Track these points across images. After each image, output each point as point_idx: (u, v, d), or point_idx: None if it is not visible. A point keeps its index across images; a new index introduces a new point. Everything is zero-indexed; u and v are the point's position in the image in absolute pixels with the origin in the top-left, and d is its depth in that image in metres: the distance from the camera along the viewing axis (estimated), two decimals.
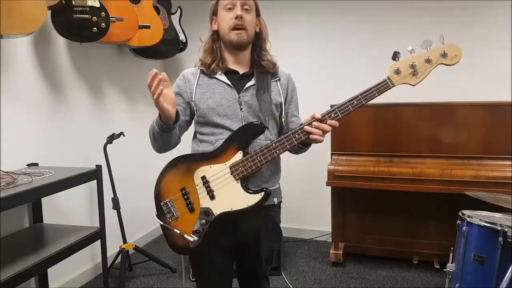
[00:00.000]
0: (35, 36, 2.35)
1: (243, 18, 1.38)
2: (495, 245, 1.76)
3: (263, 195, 1.31)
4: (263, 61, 1.46)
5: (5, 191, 1.69)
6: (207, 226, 1.34)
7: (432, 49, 1.27)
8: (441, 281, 2.65)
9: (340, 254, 2.95)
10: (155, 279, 2.81)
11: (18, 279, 1.72)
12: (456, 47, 1.25)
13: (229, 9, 1.39)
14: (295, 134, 1.31)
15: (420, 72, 1.27)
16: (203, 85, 1.44)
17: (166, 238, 1.42)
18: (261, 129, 1.34)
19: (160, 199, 1.40)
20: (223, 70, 1.44)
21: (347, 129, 2.91)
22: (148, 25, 2.80)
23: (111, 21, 2.43)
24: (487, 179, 2.49)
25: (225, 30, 1.40)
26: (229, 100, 1.40)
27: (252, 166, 1.31)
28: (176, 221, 1.37)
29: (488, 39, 2.97)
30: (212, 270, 1.47)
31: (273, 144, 1.31)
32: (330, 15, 3.35)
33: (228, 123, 1.39)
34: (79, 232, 2.22)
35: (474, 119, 2.68)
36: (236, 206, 1.33)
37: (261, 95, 1.40)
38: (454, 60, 1.26)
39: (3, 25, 1.87)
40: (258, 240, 1.46)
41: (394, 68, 1.28)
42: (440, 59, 1.26)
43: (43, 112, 2.45)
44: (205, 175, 1.35)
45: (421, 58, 1.27)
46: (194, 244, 1.33)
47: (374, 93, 1.29)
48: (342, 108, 1.31)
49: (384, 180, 2.69)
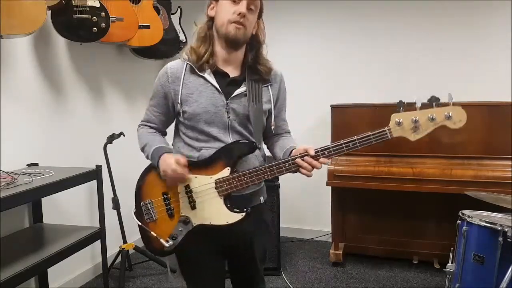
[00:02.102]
0: (35, 36, 2.35)
1: (246, 17, 1.29)
2: (495, 245, 1.76)
3: (244, 216, 1.29)
4: (259, 65, 1.38)
5: (5, 191, 1.69)
6: (184, 234, 1.33)
7: (438, 109, 1.22)
8: (441, 281, 2.65)
9: (340, 254, 2.95)
10: (155, 279, 2.81)
11: (18, 279, 1.72)
12: (462, 112, 1.22)
13: (233, 2, 1.29)
14: (285, 163, 1.28)
15: (422, 129, 1.24)
16: (189, 85, 1.34)
17: (142, 238, 1.41)
18: (253, 149, 1.32)
19: (140, 198, 1.39)
20: (212, 68, 1.34)
21: (347, 129, 2.91)
22: (148, 25, 2.80)
23: (111, 21, 2.42)
24: (487, 179, 2.49)
25: (223, 21, 1.30)
26: (216, 106, 1.32)
27: (238, 186, 1.29)
28: (154, 223, 1.36)
29: (488, 39, 2.97)
30: (203, 273, 1.42)
31: (262, 168, 1.28)
32: (330, 15, 3.34)
33: (214, 131, 1.33)
34: (79, 232, 2.22)
35: (474, 119, 2.66)
36: (215, 221, 1.31)
37: (253, 107, 1.34)
38: (458, 124, 1.22)
39: (3, 25, 1.87)
40: (250, 242, 1.43)
41: (397, 118, 1.24)
42: (444, 121, 1.22)
43: (43, 112, 2.44)
44: (190, 184, 1.32)
45: (426, 115, 1.23)
46: (169, 249, 1.33)
47: (371, 140, 1.26)
48: (336, 148, 1.27)
49: (384, 180, 2.69)
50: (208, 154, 1.32)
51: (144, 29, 2.77)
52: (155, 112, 1.43)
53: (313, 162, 1.26)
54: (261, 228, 1.47)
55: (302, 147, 1.30)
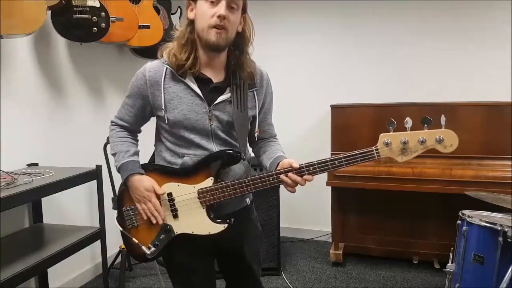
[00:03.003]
0: (35, 36, 2.35)
1: (226, 18, 1.19)
2: (495, 245, 1.76)
3: (226, 227, 1.28)
4: (244, 68, 1.30)
5: (5, 191, 1.69)
6: (165, 242, 1.31)
7: (429, 131, 1.18)
8: (441, 281, 2.65)
9: (340, 254, 2.95)
10: (155, 279, 2.81)
11: (18, 279, 1.71)
12: (454, 136, 1.17)
13: (212, 3, 1.19)
14: (269, 177, 1.24)
15: (410, 152, 1.19)
16: (169, 91, 1.27)
17: (124, 244, 1.40)
18: (238, 159, 1.29)
19: (122, 203, 1.36)
20: (194, 74, 1.27)
21: (347, 129, 2.91)
22: (148, 25, 2.79)
23: (111, 21, 2.42)
24: (487, 179, 2.49)
25: (203, 27, 1.21)
26: (198, 114, 1.27)
27: (221, 198, 1.27)
28: (135, 230, 1.34)
29: (488, 39, 2.97)
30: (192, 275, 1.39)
31: (246, 181, 1.25)
32: (330, 15, 3.34)
33: (196, 138, 1.29)
34: (79, 232, 2.22)
35: (474, 119, 2.67)
36: (197, 231, 1.29)
37: (238, 114, 1.29)
38: (449, 149, 1.17)
39: (3, 25, 1.87)
40: (239, 241, 1.41)
41: (385, 139, 1.19)
42: (435, 144, 1.18)
43: (43, 112, 2.44)
44: (172, 192, 1.30)
45: (416, 138, 1.18)
46: (151, 256, 1.32)
47: (357, 159, 1.21)
48: (321, 166, 1.22)
49: (384, 180, 2.69)
50: (191, 162, 1.29)
51: (144, 29, 2.77)
52: (129, 112, 1.38)
53: (297, 179, 1.22)
54: (249, 227, 1.46)
55: (287, 161, 1.26)
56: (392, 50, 3.20)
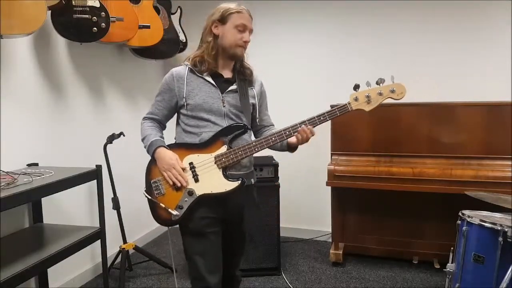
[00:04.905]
0: (35, 36, 2.35)
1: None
2: (495, 245, 1.76)
3: (239, 184, 1.56)
4: (245, 70, 1.72)
5: (5, 191, 1.69)
6: (189, 204, 1.56)
7: (384, 85, 1.61)
8: (441, 281, 2.65)
9: (340, 254, 2.95)
10: (155, 279, 2.81)
11: (18, 279, 1.72)
12: (402, 86, 1.62)
13: (239, 30, 1.60)
14: (272, 136, 1.58)
15: (373, 102, 1.62)
16: (191, 83, 1.64)
17: (152, 211, 1.64)
18: (245, 130, 1.62)
19: (150, 177, 1.63)
20: (211, 71, 1.65)
21: (347, 129, 2.91)
22: (148, 25, 2.80)
23: (111, 21, 2.43)
24: (487, 179, 2.49)
25: (231, 44, 1.61)
26: (214, 98, 1.62)
27: (234, 158, 1.57)
28: (162, 197, 1.60)
29: (488, 39, 2.97)
30: (205, 240, 1.61)
31: (253, 143, 1.58)
32: (330, 15, 3.35)
33: (212, 118, 1.61)
34: (79, 232, 2.22)
35: (474, 119, 2.68)
36: (216, 189, 1.56)
37: (243, 100, 1.66)
38: (400, 96, 1.61)
39: (3, 25, 1.87)
40: (241, 214, 1.73)
41: (354, 96, 1.63)
42: (390, 94, 1.61)
43: (43, 112, 2.44)
44: (193, 161, 1.58)
45: (375, 92, 1.62)
46: (176, 218, 1.56)
47: (336, 113, 1.62)
48: (311, 121, 1.62)
49: (384, 180, 2.69)
50: (207, 136, 1.60)
51: (144, 29, 2.77)
52: (159, 106, 1.70)
53: (309, 128, 1.60)
54: (249, 203, 1.76)
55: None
56: (392, 50, 3.20)
